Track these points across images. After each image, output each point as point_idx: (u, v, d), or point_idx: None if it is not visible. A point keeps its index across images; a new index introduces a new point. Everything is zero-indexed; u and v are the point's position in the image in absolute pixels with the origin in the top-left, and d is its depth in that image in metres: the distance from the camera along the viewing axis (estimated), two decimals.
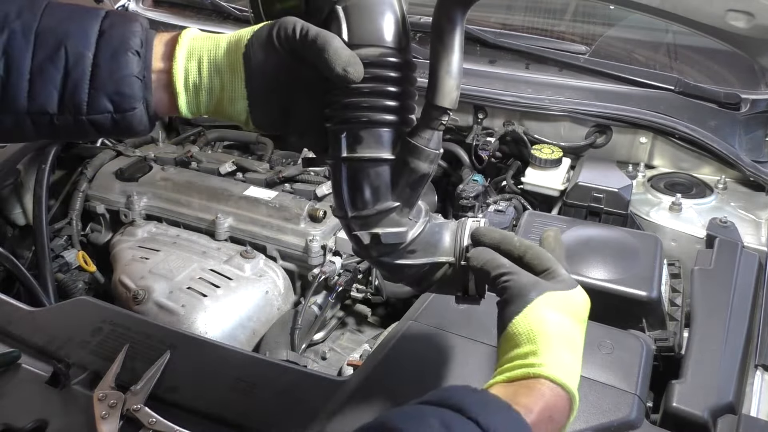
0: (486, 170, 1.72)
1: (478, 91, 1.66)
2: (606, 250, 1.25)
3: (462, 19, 0.68)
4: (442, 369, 0.96)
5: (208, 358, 1.02)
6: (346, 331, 1.48)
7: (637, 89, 1.65)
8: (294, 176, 1.64)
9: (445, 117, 0.71)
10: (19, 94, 0.66)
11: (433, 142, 0.72)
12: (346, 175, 0.74)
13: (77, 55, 0.67)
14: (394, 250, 0.77)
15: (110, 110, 0.69)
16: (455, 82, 0.69)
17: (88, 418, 0.88)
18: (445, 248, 0.79)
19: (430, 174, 0.74)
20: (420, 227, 0.77)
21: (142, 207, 1.62)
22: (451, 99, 0.70)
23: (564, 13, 2.05)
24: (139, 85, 0.69)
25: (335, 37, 0.68)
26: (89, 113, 0.68)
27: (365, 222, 0.75)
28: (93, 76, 0.67)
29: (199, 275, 1.39)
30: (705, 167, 1.61)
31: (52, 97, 0.67)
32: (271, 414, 0.91)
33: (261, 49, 0.70)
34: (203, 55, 0.71)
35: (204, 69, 0.71)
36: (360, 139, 0.72)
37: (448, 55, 0.68)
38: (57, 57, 0.67)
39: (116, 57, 0.68)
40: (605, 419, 0.88)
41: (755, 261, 1.26)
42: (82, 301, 1.17)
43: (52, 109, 0.68)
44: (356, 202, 0.74)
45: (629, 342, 1.02)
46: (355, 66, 0.67)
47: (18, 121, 0.68)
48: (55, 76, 0.67)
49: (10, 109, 0.67)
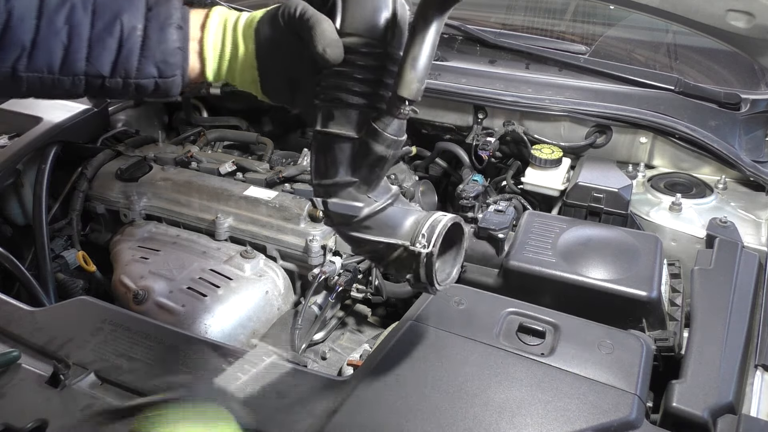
0: (486, 170, 1.72)
1: (478, 91, 1.66)
2: (606, 250, 1.25)
3: (437, 20, 0.72)
4: (442, 369, 0.96)
5: (208, 358, 1.02)
6: (346, 331, 1.48)
7: (637, 89, 1.65)
8: (294, 176, 1.64)
9: (406, 107, 0.75)
10: (79, 59, 0.77)
11: (392, 128, 0.77)
12: (315, 146, 0.82)
13: (130, 27, 0.78)
14: (347, 221, 0.84)
15: (155, 75, 0.80)
16: (417, 75, 0.73)
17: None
18: (403, 232, 0.85)
19: (387, 157, 0.79)
20: (379, 206, 0.83)
21: (142, 207, 1.62)
22: (410, 90, 0.73)
23: (564, 13, 2.05)
24: (181, 55, 0.80)
25: (326, 21, 0.76)
26: (137, 77, 0.79)
27: (326, 191, 0.83)
28: (143, 46, 0.78)
29: (199, 275, 1.39)
30: (705, 167, 1.61)
31: (107, 62, 0.78)
32: (271, 414, 0.91)
33: (268, 24, 0.81)
34: (227, 28, 0.83)
35: (227, 40, 0.82)
36: (331, 116, 0.79)
37: (415, 51, 0.72)
38: (113, 28, 0.77)
39: (163, 30, 0.79)
40: (605, 419, 0.88)
41: (755, 261, 1.26)
42: (82, 301, 1.17)
43: (106, 73, 0.78)
44: (320, 171, 0.83)
45: (629, 342, 1.03)
46: (333, 48, 0.75)
47: (74, 82, 0.78)
48: (111, 45, 0.77)
49: (70, 71, 0.77)
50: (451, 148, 1.75)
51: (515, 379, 0.95)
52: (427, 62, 0.73)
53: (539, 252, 1.26)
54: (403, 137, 0.80)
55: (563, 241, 1.29)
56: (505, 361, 0.98)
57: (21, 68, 0.76)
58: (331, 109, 0.80)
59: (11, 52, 0.75)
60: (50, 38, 0.75)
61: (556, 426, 0.87)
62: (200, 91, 2.02)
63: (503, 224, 1.37)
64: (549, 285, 1.20)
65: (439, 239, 0.82)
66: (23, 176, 1.65)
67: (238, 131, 1.97)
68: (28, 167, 1.65)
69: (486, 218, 1.39)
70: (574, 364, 0.97)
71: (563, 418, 0.88)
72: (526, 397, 0.92)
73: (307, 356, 1.33)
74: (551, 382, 0.94)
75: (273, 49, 0.81)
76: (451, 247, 0.91)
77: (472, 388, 0.93)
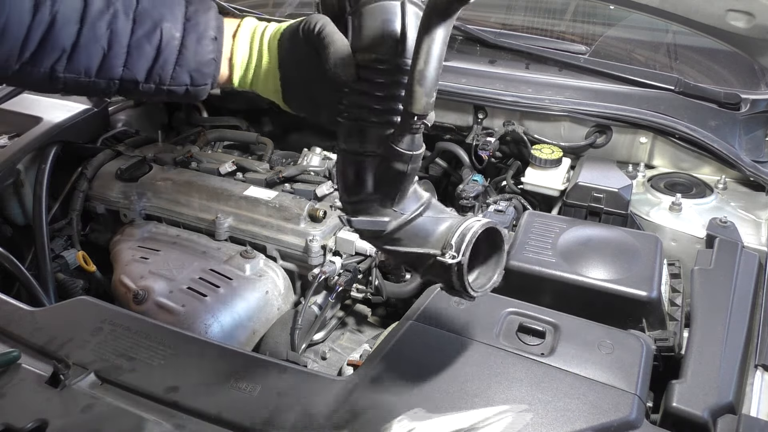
0: (486, 170, 1.72)
1: (478, 91, 1.66)
2: (606, 250, 1.25)
3: (441, 31, 0.71)
4: (442, 369, 0.96)
5: (208, 358, 1.02)
6: (346, 331, 1.48)
7: (637, 89, 1.65)
8: (294, 176, 1.64)
9: (418, 122, 0.75)
10: (117, 64, 0.79)
11: (406, 144, 0.77)
12: (340, 164, 0.84)
13: (169, 36, 0.80)
14: (376, 236, 0.85)
15: (187, 83, 0.83)
16: (425, 90, 0.73)
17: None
18: (434, 241, 0.84)
19: (407, 172, 0.79)
20: (407, 218, 0.84)
21: (142, 207, 1.62)
22: (419, 106, 0.73)
23: (564, 13, 2.05)
24: (214, 65, 0.84)
25: (340, 40, 0.76)
26: (170, 85, 0.82)
27: (353, 208, 0.84)
28: (179, 55, 0.81)
29: (199, 275, 1.39)
30: (705, 167, 1.61)
31: (143, 68, 0.80)
32: (271, 414, 0.91)
33: (290, 37, 0.83)
34: (254, 37, 0.86)
35: (254, 50, 0.85)
36: (349, 133, 0.81)
37: (421, 64, 0.72)
38: (153, 36, 0.79)
39: (200, 41, 0.82)
40: (605, 419, 0.88)
41: (755, 261, 1.26)
42: (82, 301, 1.17)
43: (141, 78, 0.81)
44: (346, 188, 0.84)
45: (629, 342, 1.03)
46: (345, 68, 0.76)
47: (109, 85, 0.81)
48: (149, 53, 0.80)
49: (106, 75, 0.80)
50: (451, 148, 1.75)
51: (515, 379, 0.95)
52: (435, 75, 0.73)
53: (539, 252, 1.26)
54: (420, 150, 0.80)
55: (563, 241, 1.29)
56: (505, 361, 0.98)
57: (59, 70, 0.78)
58: (352, 127, 0.80)
59: (52, 54, 0.76)
60: (91, 43, 0.77)
61: (556, 426, 0.87)
62: None
63: (503, 224, 1.37)
64: (549, 285, 1.20)
65: (468, 248, 0.81)
66: (23, 176, 1.65)
67: (238, 131, 1.97)
68: (28, 167, 1.65)
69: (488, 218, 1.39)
70: (574, 364, 0.97)
71: (563, 418, 0.88)
72: (526, 397, 0.92)
73: (307, 356, 1.33)
74: (551, 382, 0.94)
75: (294, 61, 0.83)
76: (492, 251, 0.90)
77: (473, 388, 0.93)
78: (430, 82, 0.72)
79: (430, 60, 0.71)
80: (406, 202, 0.84)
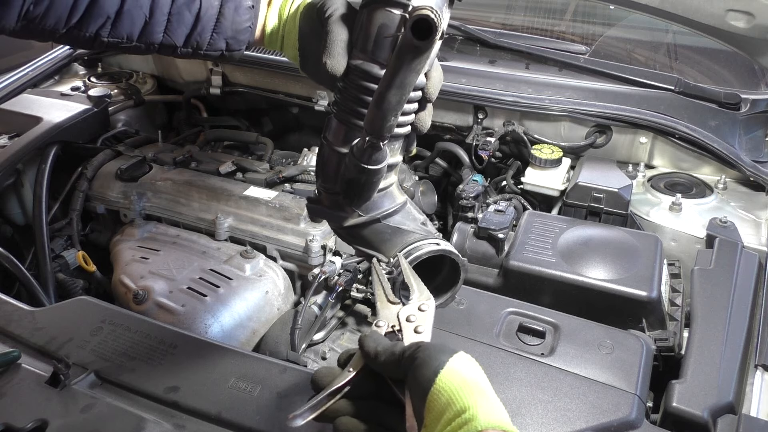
0: (486, 170, 1.72)
1: (478, 91, 1.66)
2: (606, 250, 1.25)
3: (412, 62, 0.67)
4: None
5: (208, 358, 1.02)
6: (346, 331, 1.48)
7: (637, 89, 1.65)
8: (294, 176, 1.64)
9: (372, 140, 0.74)
10: (157, 30, 0.85)
11: (365, 157, 0.76)
12: (321, 150, 0.86)
13: (208, 5, 0.86)
14: (336, 226, 0.89)
15: (223, 49, 0.89)
16: (381, 114, 0.71)
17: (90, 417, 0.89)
18: (386, 249, 0.87)
19: (362, 182, 0.79)
20: (364, 220, 0.86)
21: (141, 207, 1.62)
22: (372, 127, 0.73)
23: (564, 13, 2.05)
24: (249, 32, 0.89)
25: (342, 33, 0.77)
26: (207, 50, 0.88)
27: (326, 193, 0.87)
28: (217, 22, 0.87)
29: (199, 275, 1.39)
30: (705, 167, 1.61)
31: (182, 35, 0.86)
32: (271, 414, 0.91)
33: (307, 14, 0.86)
34: (284, 7, 0.90)
35: (282, 19, 0.90)
36: (335, 130, 0.83)
37: (382, 89, 0.70)
38: (192, 5, 0.85)
39: (237, 10, 0.87)
40: (605, 419, 0.88)
41: (755, 261, 1.26)
42: (82, 301, 1.17)
43: (179, 44, 0.87)
44: (321, 174, 0.87)
45: (629, 342, 1.03)
46: (334, 61, 0.78)
47: (149, 48, 0.87)
48: (188, 20, 0.85)
49: (147, 41, 0.86)
50: (451, 148, 1.75)
51: (515, 379, 0.95)
52: (395, 102, 0.70)
53: (539, 252, 1.26)
54: (379, 165, 0.77)
55: (563, 241, 1.29)
56: (505, 361, 0.98)
57: (104, 34, 0.83)
58: (332, 120, 0.83)
59: (97, 20, 0.82)
60: (134, 10, 0.83)
61: (556, 426, 0.87)
62: (200, 91, 2.02)
63: (503, 224, 1.37)
64: (549, 285, 1.20)
65: (406, 267, 0.82)
66: (23, 176, 1.65)
67: (237, 131, 1.97)
68: (28, 167, 1.65)
69: (486, 218, 1.39)
70: (574, 364, 0.98)
71: (563, 418, 0.88)
72: (526, 397, 0.92)
73: (307, 356, 1.33)
74: (551, 382, 0.94)
75: (309, 36, 0.86)
76: (452, 275, 0.90)
77: None
78: (387, 107, 0.70)
79: (392, 86, 0.69)
80: (370, 204, 0.86)
